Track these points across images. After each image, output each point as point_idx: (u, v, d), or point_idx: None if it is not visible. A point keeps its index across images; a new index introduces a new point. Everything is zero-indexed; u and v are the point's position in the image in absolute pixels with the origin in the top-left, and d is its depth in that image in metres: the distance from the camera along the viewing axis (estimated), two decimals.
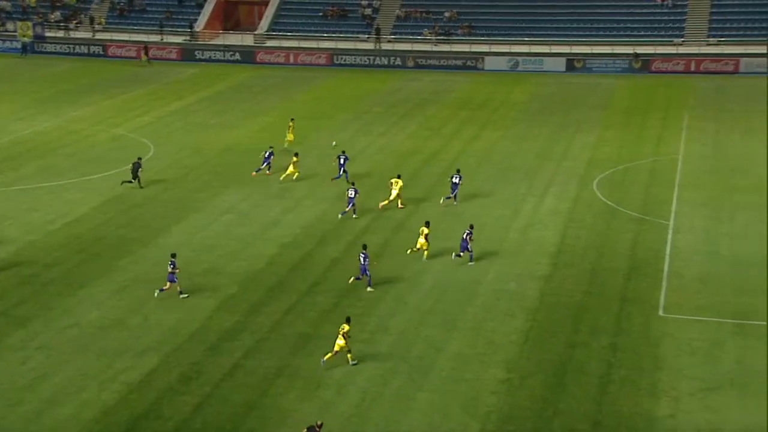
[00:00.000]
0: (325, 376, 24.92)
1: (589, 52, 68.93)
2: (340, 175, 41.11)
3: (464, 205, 38.98)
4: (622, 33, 70.50)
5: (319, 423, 21.40)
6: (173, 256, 29.86)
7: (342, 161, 41.24)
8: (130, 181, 40.74)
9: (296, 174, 41.48)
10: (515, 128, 51.69)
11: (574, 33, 71.44)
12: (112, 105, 57.89)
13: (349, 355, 25.31)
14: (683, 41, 69.03)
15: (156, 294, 29.57)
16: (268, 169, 42.50)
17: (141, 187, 40.53)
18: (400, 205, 37.97)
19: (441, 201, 38.48)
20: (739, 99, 57.97)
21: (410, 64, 71.67)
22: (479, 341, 26.88)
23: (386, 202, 37.92)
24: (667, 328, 27.32)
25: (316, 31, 76.08)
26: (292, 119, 48.15)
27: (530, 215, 37.59)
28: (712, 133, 49.53)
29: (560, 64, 68.67)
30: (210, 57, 75.07)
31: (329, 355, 25.17)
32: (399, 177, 38.55)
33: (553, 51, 69.47)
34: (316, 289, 30.65)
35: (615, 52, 68.47)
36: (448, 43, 73.16)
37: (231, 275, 31.72)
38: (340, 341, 25.12)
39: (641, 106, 56.46)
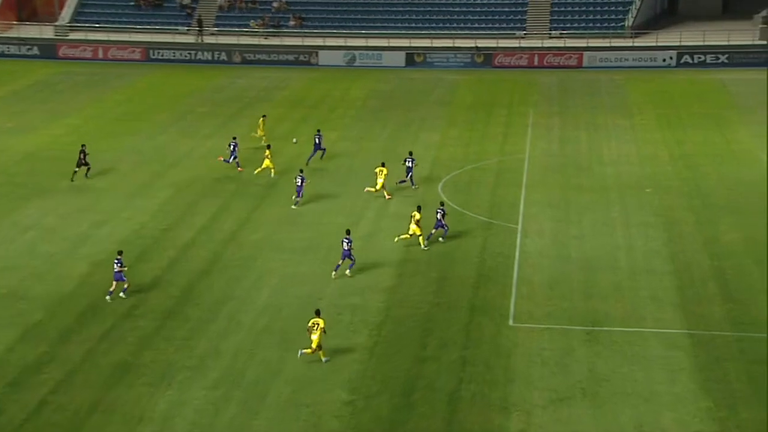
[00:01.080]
0: (147, 408, 24.17)
1: (430, 45, 70.61)
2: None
3: (303, 211, 38.90)
4: (462, 26, 72.70)
5: None
6: (119, 253, 30.44)
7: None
8: None
9: (272, 168, 42.26)
10: (354, 128, 52.14)
11: (414, 26, 73.01)
12: None
13: (320, 353, 26.26)
14: (525, 34, 71.94)
15: (108, 298, 29.96)
16: (238, 165, 43.62)
17: None
18: (387, 196, 39.52)
19: (396, 183, 40.45)
20: (583, 94, 60.95)
21: (237, 59, 70.96)
22: (320, 361, 26.82)
23: (373, 190, 39.48)
24: (518, 338, 28.22)
25: (129, 23, 74.09)
26: (264, 116, 48.78)
27: (373, 222, 37.96)
28: (557, 129, 51.79)
29: (400, 58, 69.94)
30: (3, 52, 71.63)
31: (308, 351, 26.25)
32: (384, 165, 39.70)
33: (391, 45, 70.66)
34: (136, 312, 29.76)
35: (456, 45, 70.47)
36: (278, 36, 73.00)
37: (35, 300, 30.28)
38: (314, 336, 26.07)
39: (485, 103, 58.33)
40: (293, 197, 39.25)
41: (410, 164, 41.21)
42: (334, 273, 32.34)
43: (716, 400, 24.80)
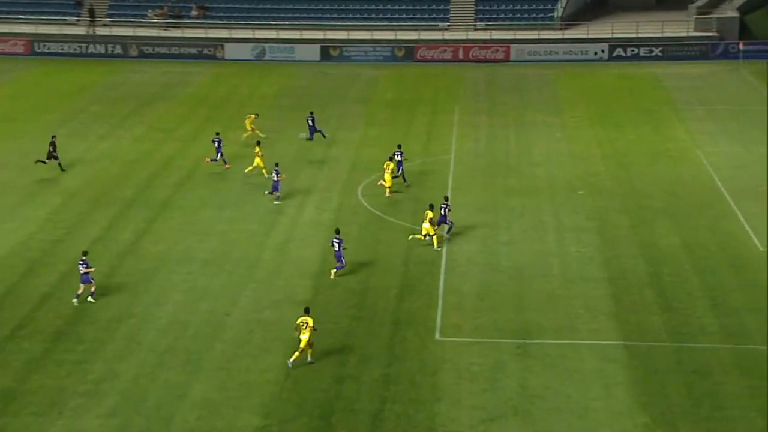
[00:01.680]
0: None
1: (347, 38, 70.77)
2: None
3: (208, 218, 38.60)
4: (382, 17, 73.07)
5: None
6: (84, 254, 31.02)
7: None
8: None
9: (263, 167, 42.70)
10: (266, 128, 51.88)
11: (329, 16, 73.10)
12: None
13: (309, 352, 27.15)
14: (449, 26, 72.68)
15: (74, 301, 30.59)
16: (225, 162, 44.39)
17: None
18: (388, 194, 40.73)
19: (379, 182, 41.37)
20: (511, 90, 61.82)
21: (134, 52, 70.01)
22: (230, 383, 26.64)
23: (384, 184, 40.81)
24: (445, 353, 28.44)
25: (9, 12, 72.39)
26: (256, 115, 49.74)
27: (287, 229, 37.86)
28: (485, 128, 52.40)
29: (314, 52, 69.92)
30: None
31: (296, 354, 27.05)
32: (392, 159, 41.14)
33: (305, 37, 70.61)
34: (22, 333, 29.14)
35: (375, 38, 70.78)
36: (179, 27, 72.28)
37: None
38: (304, 336, 26.88)
39: (407, 100, 58.70)
40: (271, 193, 40.07)
41: (399, 158, 42.09)
42: (332, 273, 32.99)
43: (654, 415, 25.36)
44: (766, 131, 49.66)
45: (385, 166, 41.15)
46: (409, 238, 36.05)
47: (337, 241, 33.22)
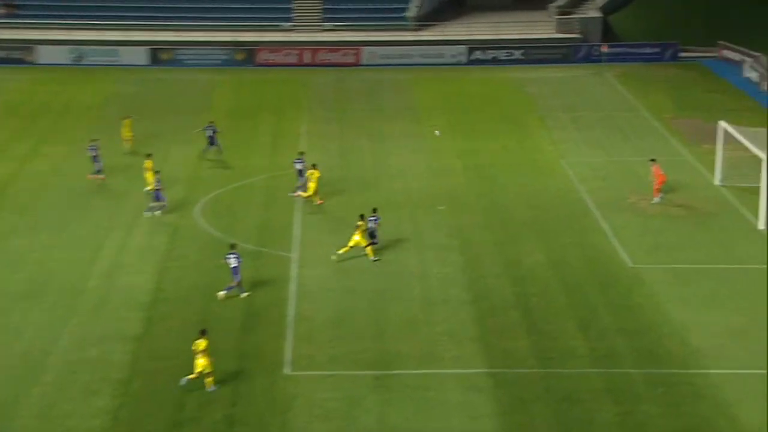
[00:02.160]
0: None
1: (179, 39, 70.00)
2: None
3: (21, 245, 37.44)
4: (218, 16, 72.56)
5: None
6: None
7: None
8: None
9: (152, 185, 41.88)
10: (86, 141, 50.69)
11: (158, 16, 72.07)
12: None
13: (207, 380, 27.17)
14: (293, 27, 72.80)
15: None
16: (99, 172, 44.87)
17: None
18: (318, 201, 41.95)
19: (288, 194, 42.85)
20: (364, 96, 62.37)
21: None
22: (49, 431, 25.88)
23: (304, 195, 42.00)
24: (296, 389, 28.36)
25: None
26: (128, 117, 49.88)
27: (115, 255, 37.14)
28: (336, 139, 52.64)
29: (141, 55, 68.90)
30: None
31: (192, 375, 27.16)
32: (315, 167, 41.93)
33: (131, 39, 69.48)
34: None
35: (211, 39, 70.26)
36: None
37: None
38: (201, 360, 27.15)
39: (249, 108, 58.46)
40: (155, 204, 40.47)
41: (300, 167, 43.25)
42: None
43: None
44: (630, 139, 51.74)
45: (309, 174, 41.85)
46: (333, 257, 36.25)
47: (235, 256, 33.36)
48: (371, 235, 37.17)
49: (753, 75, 65.12)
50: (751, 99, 61.10)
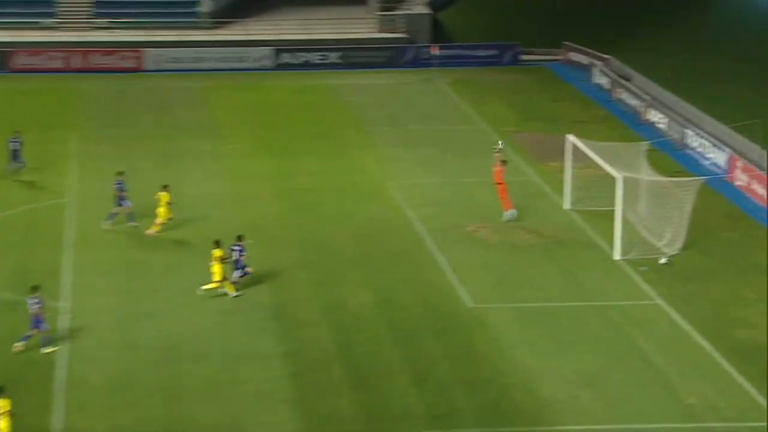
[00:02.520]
0: None
1: None
2: None
3: None
4: None
5: None
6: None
7: None
8: None
9: None
10: None
11: None
12: None
13: None
14: (57, 24, 71.35)
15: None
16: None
17: None
18: (155, 229, 42.50)
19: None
20: (149, 109, 61.69)
21: None
22: None
23: (158, 225, 42.42)
24: None
25: None
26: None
27: None
28: (115, 160, 51.60)
29: None
30: None
31: None
32: (166, 188, 42.45)
33: None
34: None
35: None
36: None
37: None
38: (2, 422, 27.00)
39: (2, 123, 56.79)
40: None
41: (119, 185, 43.46)
42: None
43: None
44: (468, 156, 52.70)
45: (160, 197, 42.41)
46: (199, 292, 36.26)
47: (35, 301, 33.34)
48: (238, 266, 37.14)
49: (603, 81, 67.49)
50: (602, 108, 63.38)
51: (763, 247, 41.71)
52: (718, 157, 51.63)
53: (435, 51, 71.78)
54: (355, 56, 71.91)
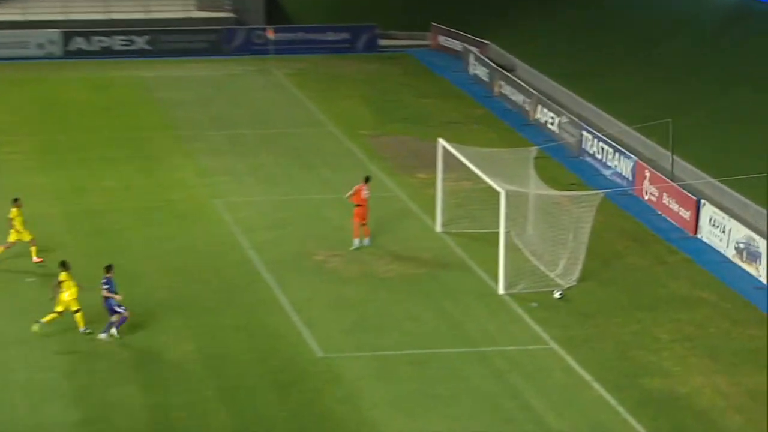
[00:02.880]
0: None
1: None
2: None
3: None
4: None
5: None
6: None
7: None
8: None
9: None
10: None
11: None
12: None
13: None
14: None
15: None
16: None
17: None
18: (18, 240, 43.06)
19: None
20: None
21: None
22: None
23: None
24: None
25: None
26: None
27: None
28: None
29: None
30: None
31: None
32: (17, 201, 42.71)
33: None
34: None
35: None
36: None
37: None
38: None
39: None
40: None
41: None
42: None
43: None
44: (314, 167, 52.76)
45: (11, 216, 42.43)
46: (35, 327, 36.72)
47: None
48: (108, 307, 37.40)
49: (481, 72, 68.10)
50: (480, 105, 63.99)
51: (678, 276, 42.46)
52: (622, 165, 52.33)
53: (271, 35, 71.79)
54: (168, 41, 71.62)
